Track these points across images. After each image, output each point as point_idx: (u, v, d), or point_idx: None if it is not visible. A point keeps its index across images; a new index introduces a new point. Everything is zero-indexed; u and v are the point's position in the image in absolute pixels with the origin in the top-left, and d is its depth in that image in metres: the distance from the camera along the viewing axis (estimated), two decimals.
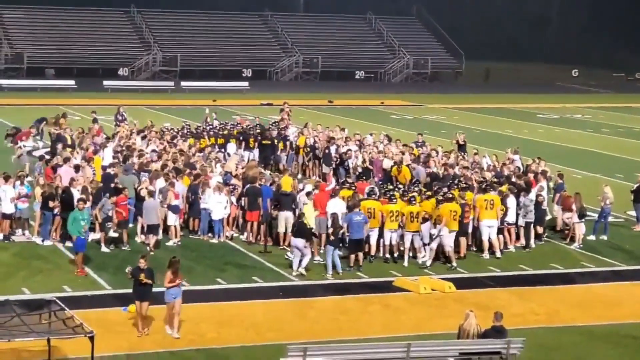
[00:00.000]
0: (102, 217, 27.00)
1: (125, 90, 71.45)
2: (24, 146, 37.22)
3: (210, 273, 25.70)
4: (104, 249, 26.85)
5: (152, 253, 26.29)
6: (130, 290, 23.45)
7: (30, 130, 41.81)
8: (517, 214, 28.98)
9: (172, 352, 19.53)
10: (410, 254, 27.31)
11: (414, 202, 27.16)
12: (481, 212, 28.01)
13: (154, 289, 20.92)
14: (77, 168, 30.31)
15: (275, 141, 38.29)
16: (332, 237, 26.03)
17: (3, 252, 26.83)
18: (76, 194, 27.72)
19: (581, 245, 29.72)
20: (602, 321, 23.32)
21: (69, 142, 36.62)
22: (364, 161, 34.46)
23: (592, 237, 30.86)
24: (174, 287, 20.66)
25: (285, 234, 27.97)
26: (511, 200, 28.81)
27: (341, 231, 26.27)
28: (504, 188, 29.28)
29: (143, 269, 20.77)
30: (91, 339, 17.14)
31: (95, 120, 41.59)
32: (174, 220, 28.19)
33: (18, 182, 28.36)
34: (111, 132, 39.71)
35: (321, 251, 27.15)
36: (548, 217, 31.23)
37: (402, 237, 27.16)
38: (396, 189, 28.68)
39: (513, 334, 20.10)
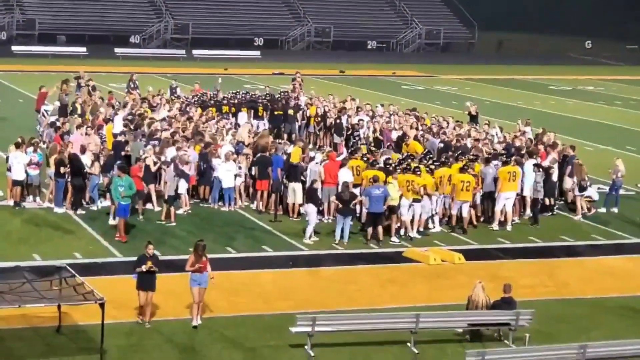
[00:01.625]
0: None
1: (136, 57, 71.38)
2: (46, 111, 36.96)
3: (220, 242, 25.76)
4: (111, 221, 26.73)
5: (173, 224, 26.40)
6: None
7: (47, 92, 40.98)
8: (522, 185, 28.94)
9: (181, 320, 19.61)
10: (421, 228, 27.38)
11: (418, 172, 27.11)
12: (503, 184, 27.94)
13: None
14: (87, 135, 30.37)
15: (291, 111, 38.22)
16: (340, 206, 26.06)
17: (14, 219, 26.93)
18: (86, 161, 27.82)
19: (584, 215, 29.71)
20: (611, 293, 23.33)
21: (70, 108, 36.74)
22: (374, 131, 34.38)
23: (602, 210, 30.82)
24: (196, 272, 19.37)
25: (294, 204, 28.00)
26: (520, 172, 28.75)
27: (354, 202, 26.24)
28: (513, 160, 29.18)
29: (151, 256, 19.54)
30: (102, 305, 17.23)
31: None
32: (184, 188, 28.20)
33: (30, 149, 28.39)
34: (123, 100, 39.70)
35: (330, 220, 27.17)
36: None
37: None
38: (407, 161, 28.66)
39: (522, 305, 20.15)
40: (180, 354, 18.22)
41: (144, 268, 19.19)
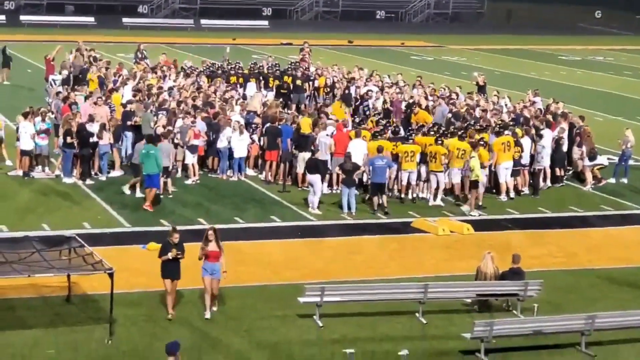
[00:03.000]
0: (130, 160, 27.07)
1: (144, 27, 71.16)
2: (54, 81, 36.93)
3: (229, 212, 25.78)
4: (127, 191, 26.69)
5: (170, 196, 26.42)
6: (150, 228, 23.68)
7: (50, 57, 40.78)
8: (532, 156, 28.88)
9: (190, 290, 19.64)
10: (428, 195, 27.37)
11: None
12: (499, 155, 27.89)
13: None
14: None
15: (299, 81, 38.08)
16: (343, 176, 26.05)
17: (23, 189, 26.97)
18: (95, 130, 27.82)
19: (594, 185, 29.69)
20: (619, 264, 23.32)
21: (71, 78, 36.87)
22: (384, 102, 34.27)
23: (612, 180, 30.76)
24: (208, 261, 18.49)
25: (304, 174, 27.99)
26: (526, 142, 28.69)
27: (358, 172, 26.22)
28: (519, 130, 29.12)
29: (176, 243, 18.42)
30: (110, 275, 17.27)
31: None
32: (192, 158, 28.21)
33: (38, 119, 28.37)
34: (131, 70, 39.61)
35: (337, 191, 27.18)
36: None
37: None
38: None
39: (530, 276, 20.16)
40: (188, 324, 18.26)
41: (169, 256, 18.25)
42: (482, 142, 27.47)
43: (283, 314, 19.05)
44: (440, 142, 27.14)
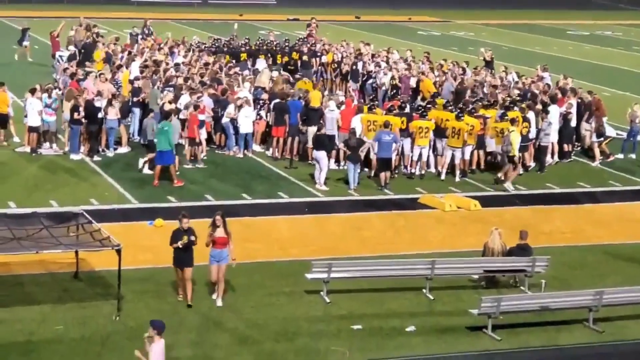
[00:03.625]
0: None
1: (150, 3, 70.91)
2: (61, 57, 36.89)
3: (236, 188, 25.77)
4: (146, 170, 26.57)
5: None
6: (157, 204, 23.67)
7: (56, 33, 40.72)
8: (538, 131, 28.80)
9: (197, 266, 19.64)
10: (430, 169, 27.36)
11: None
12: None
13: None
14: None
15: (305, 57, 37.98)
16: (348, 152, 26.02)
17: (31, 165, 26.99)
18: (102, 107, 27.82)
19: (601, 162, 29.65)
20: (627, 240, 23.28)
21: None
22: (392, 78, 34.15)
23: (620, 156, 30.68)
24: (215, 248, 17.96)
25: (311, 149, 27.94)
26: (532, 117, 28.60)
27: (362, 147, 26.16)
28: (524, 105, 29.02)
29: (185, 230, 17.81)
30: (118, 252, 17.28)
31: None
32: (200, 134, 28.15)
33: (45, 95, 28.34)
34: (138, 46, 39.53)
35: (344, 167, 27.14)
36: None
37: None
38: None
39: (538, 252, 20.14)
40: (196, 300, 18.28)
41: (180, 244, 17.69)
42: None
43: (290, 291, 19.06)
44: (461, 118, 27.16)
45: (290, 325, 17.55)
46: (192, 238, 17.80)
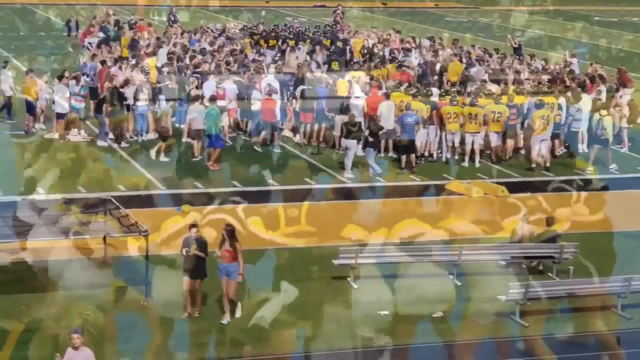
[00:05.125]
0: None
1: None
2: (90, 44, 37.03)
3: (262, 174, 25.79)
4: (163, 158, 26.66)
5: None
6: (184, 190, 23.74)
7: (91, 29, 41.05)
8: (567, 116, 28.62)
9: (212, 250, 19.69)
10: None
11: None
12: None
13: None
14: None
15: (339, 43, 37.90)
16: (370, 139, 25.98)
17: (59, 152, 27.12)
18: (130, 94, 27.89)
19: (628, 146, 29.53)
20: None
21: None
22: (419, 64, 34.04)
23: None
24: (222, 262, 16.96)
25: (340, 137, 27.89)
26: (563, 103, 28.41)
27: (382, 132, 26.09)
28: (553, 98, 28.80)
29: (195, 239, 17.08)
30: (146, 237, 17.35)
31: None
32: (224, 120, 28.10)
33: (73, 81, 28.46)
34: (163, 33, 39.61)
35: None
36: None
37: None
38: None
39: (566, 238, 20.05)
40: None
41: (188, 252, 16.90)
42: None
43: (318, 276, 19.08)
44: (476, 102, 27.04)
45: (317, 310, 17.55)
46: (200, 253, 16.87)
